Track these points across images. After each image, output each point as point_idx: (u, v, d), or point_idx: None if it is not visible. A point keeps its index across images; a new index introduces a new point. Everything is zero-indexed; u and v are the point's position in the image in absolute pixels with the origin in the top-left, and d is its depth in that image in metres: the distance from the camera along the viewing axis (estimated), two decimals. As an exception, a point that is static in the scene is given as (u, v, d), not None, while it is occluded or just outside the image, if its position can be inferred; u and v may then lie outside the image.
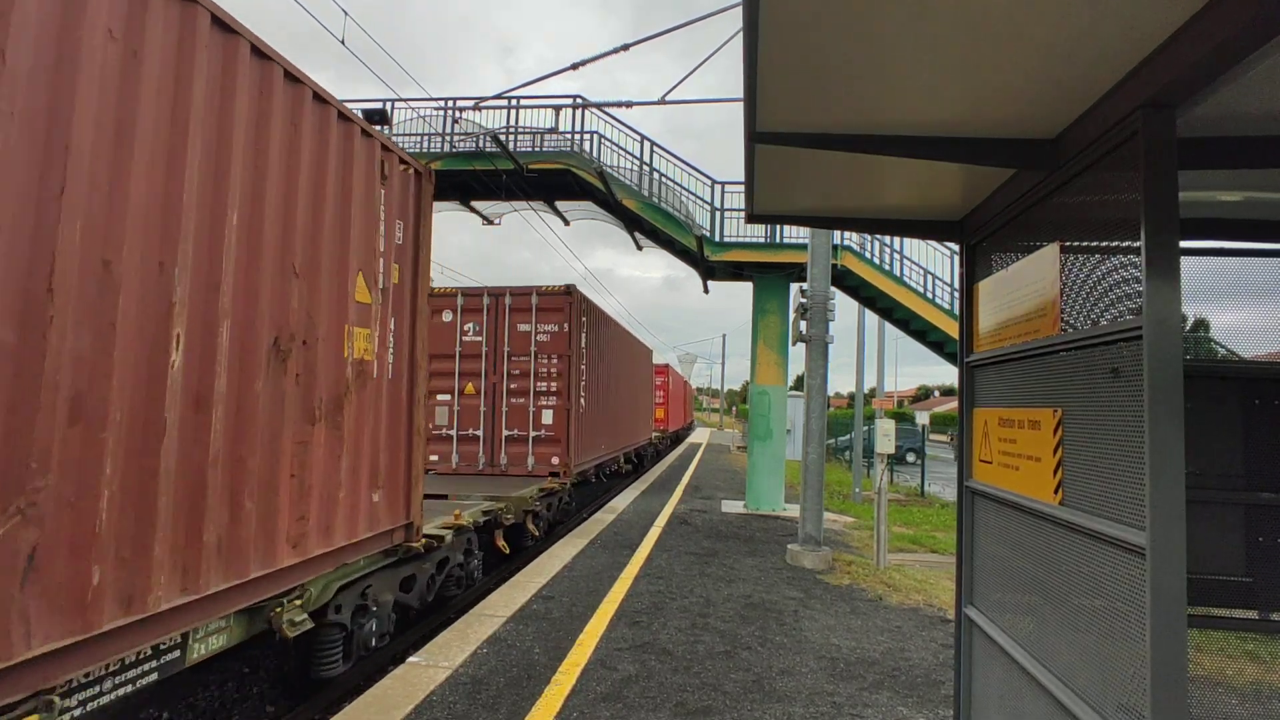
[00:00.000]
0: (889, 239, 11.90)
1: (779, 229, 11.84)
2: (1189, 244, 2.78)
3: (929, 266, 12.20)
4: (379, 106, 12.07)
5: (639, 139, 12.60)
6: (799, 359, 18.08)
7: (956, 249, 3.30)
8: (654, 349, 24.07)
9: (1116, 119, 1.79)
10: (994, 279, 2.70)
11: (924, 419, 22.10)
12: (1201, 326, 3.21)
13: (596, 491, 15.62)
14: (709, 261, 12.26)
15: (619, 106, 10.48)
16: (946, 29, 1.62)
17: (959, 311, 3.04)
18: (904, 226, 3.23)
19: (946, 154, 2.19)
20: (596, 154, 12.30)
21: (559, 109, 12.51)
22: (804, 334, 8.69)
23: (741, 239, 12.23)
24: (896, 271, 11.86)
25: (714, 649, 5.16)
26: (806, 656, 5.07)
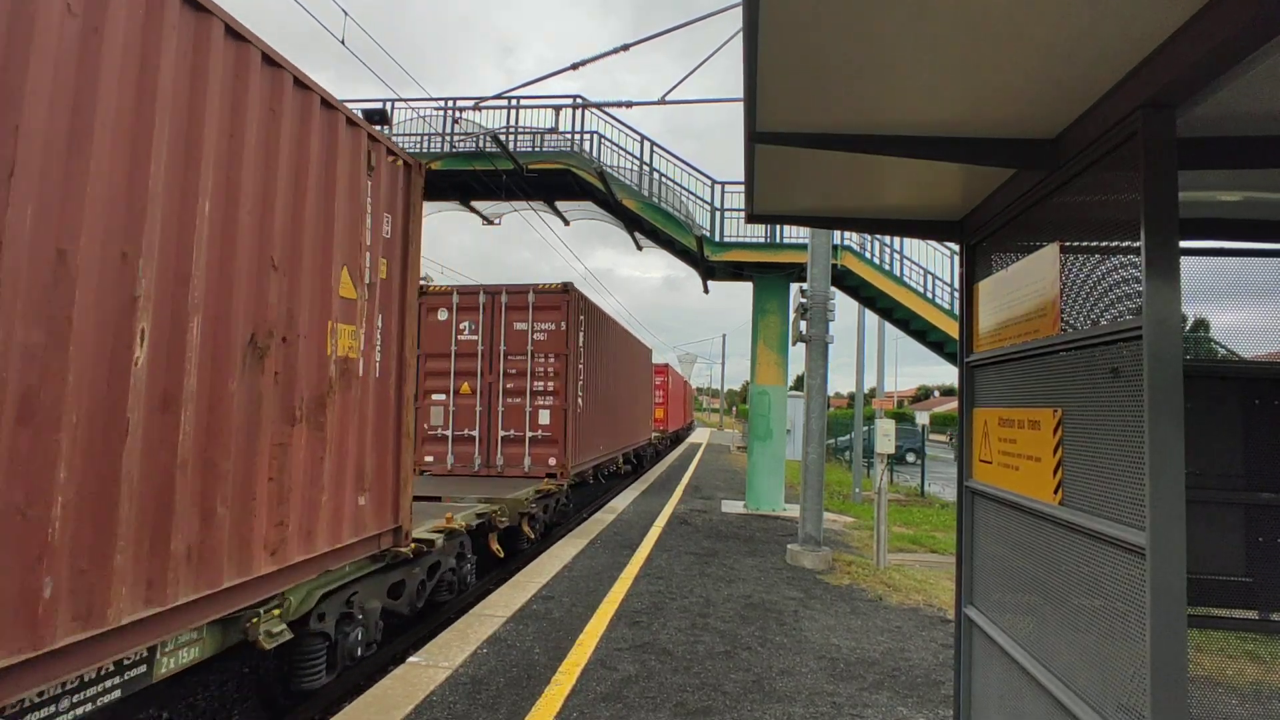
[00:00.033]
0: (889, 239, 11.90)
1: (779, 229, 11.85)
2: (1189, 244, 2.78)
3: (929, 266, 12.21)
4: (379, 106, 12.08)
5: (639, 139, 12.61)
6: (799, 359, 18.11)
7: (956, 249, 3.30)
8: (654, 349, 24.03)
9: (1116, 119, 1.79)
10: (994, 279, 2.70)
11: (924, 419, 22.13)
12: (1201, 326, 3.22)
13: (594, 493, 15.45)
14: (709, 261, 12.26)
15: (619, 106, 10.48)
16: (946, 29, 1.62)
17: (959, 311, 3.04)
18: (904, 226, 3.24)
19: (946, 154, 2.20)
20: (596, 154, 12.30)
21: (559, 109, 12.51)
22: (804, 334, 8.69)
23: (741, 239, 12.23)
24: (896, 271, 11.86)
25: (714, 649, 5.16)
26: (806, 656, 5.07)
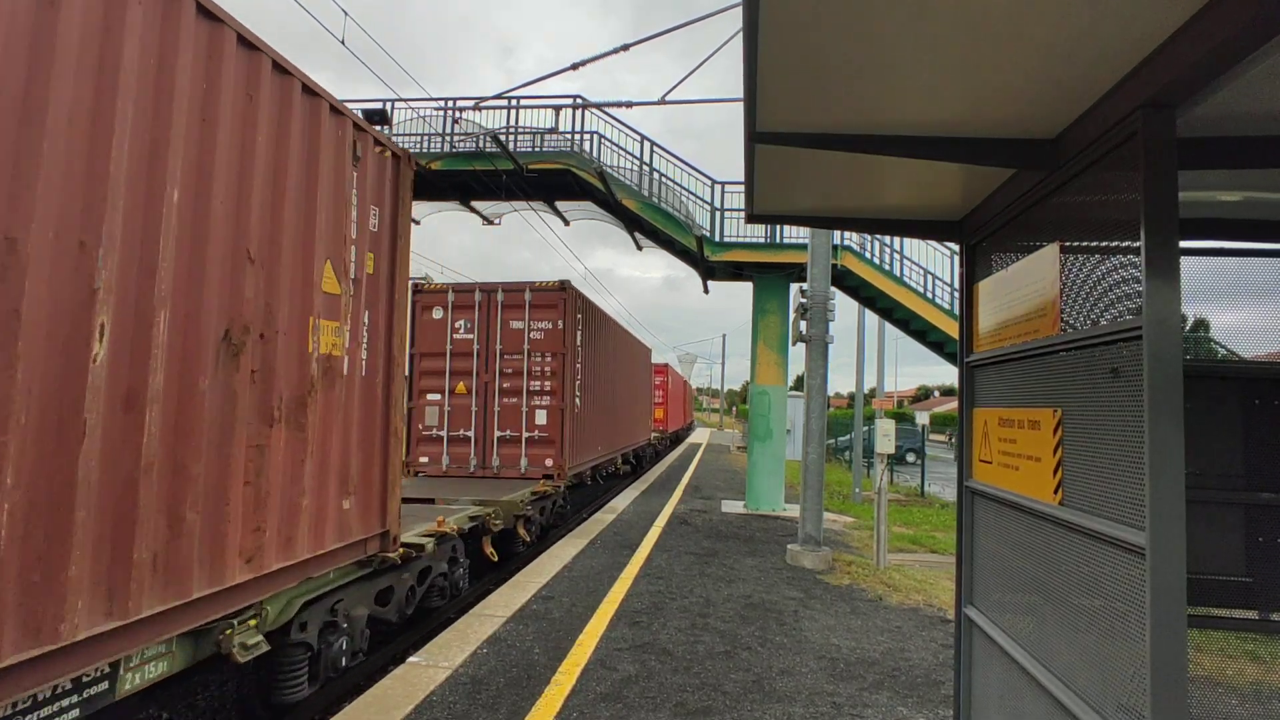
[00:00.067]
0: (889, 239, 11.91)
1: (779, 229, 11.85)
2: (1189, 244, 2.78)
3: (929, 266, 12.22)
4: (379, 106, 12.08)
5: (639, 139, 12.61)
6: (799, 359, 18.10)
7: (956, 249, 3.30)
8: (654, 349, 24.01)
9: (1116, 119, 1.79)
10: (994, 279, 2.70)
11: (924, 419, 22.15)
12: (1201, 326, 3.22)
13: (592, 494, 15.27)
14: (709, 261, 12.26)
15: (619, 106, 10.49)
16: (946, 29, 1.62)
17: (959, 311, 3.04)
18: (904, 226, 3.24)
19: (946, 154, 2.20)
20: (596, 154, 12.30)
21: (559, 109, 12.52)
22: (804, 334, 8.70)
23: (741, 239, 12.23)
24: (896, 271, 11.87)
25: (714, 649, 5.16)
26: (806, 656, 5.07)
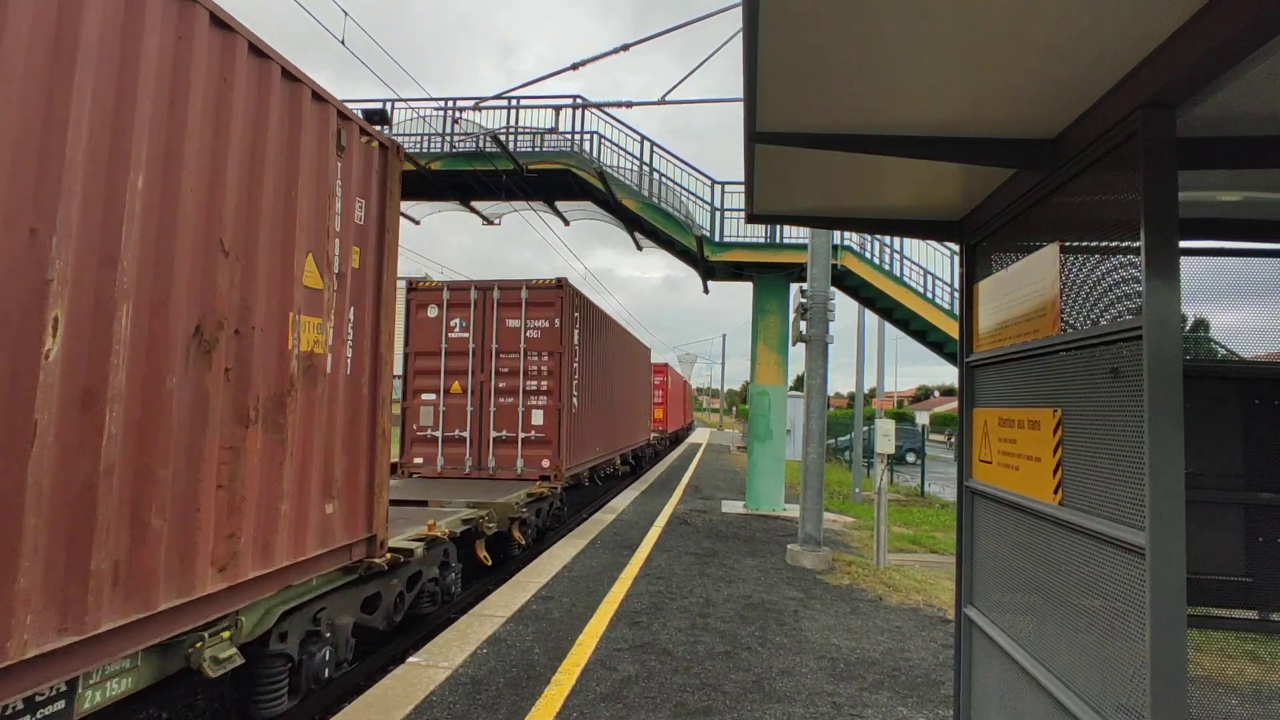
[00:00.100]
0: (889, 239, 11.91)
1: (779, 229, 11.85)
2: (1189, 244, 2.78)
3: (929, 266, 12.23)
4: (379, 106, 12.08)
5: (639, 139, 12.62)
6: (799, 359, 18.08)
7: (956, 249, 3.30)
8: (654, 349, 24.00)
9: (1116, 119, 1.79)
10: (994, 279, 2.70)
11: (924, 419, 22.18)
12: (1201, 326, 3.22)
13: (590, 496, 15.11)
14: (709, 261, 12.27)
15: (619, 106, 10.50)
16: (946, 29, 1.62)
17: (959, 311, 3.04)
18: (904, 226, 3.24)
19: (946, 154, 2.20)
20: (596, 154, 12.30)
21: (559, 109, 12.52)
22: (804, 334, 8.70)
23: (741, 239, 12.23)
24: (896, 271, 11.87)
25: (714, 649, 5.16)
26: (806, 657, 5.07)
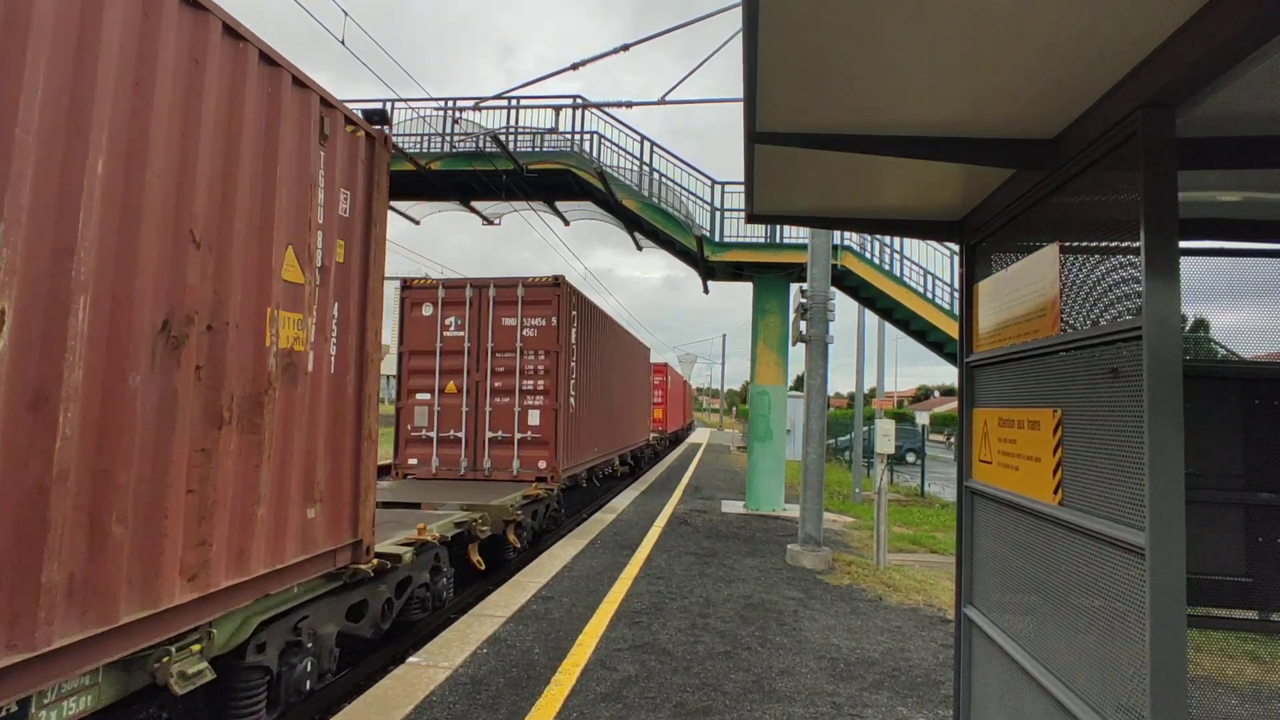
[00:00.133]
0: (889, 239, 11.92)
1: (779, 229, 11.86)
2: (1189, 244, 2.78)
3: (929, 266, 12.24)
4: (379, 107, 12.08)
5: (639, 139, 12.62)
6: (799, 359, 18.06)
7: (956, 249, 3.30)
8: (653, 349, 23.99)
9: (1116, 119, 1.79)
10: (994, 279, 2.70)
11: (924, 419, 22.18)
12: (1201, 326, 3.22)
13: (589, 497, 14.84)
14: (709, 261, 12.27)
15: (619, 106, 10.50)
16: (946, 29, 1.62)
17: (959, 311, 3.04)
18: (904, 226, 3.24)
19: (946, 154, 2.20)
20: (596, 154, 12.30)
21: (559, 109, 12.52)
22: (804, 334, 8.70)
23: (741, 239, 12.24)
24: (896, 271, 11.88)
25: (714, 649, 5.16)
26: (806, 657, 5.07)
